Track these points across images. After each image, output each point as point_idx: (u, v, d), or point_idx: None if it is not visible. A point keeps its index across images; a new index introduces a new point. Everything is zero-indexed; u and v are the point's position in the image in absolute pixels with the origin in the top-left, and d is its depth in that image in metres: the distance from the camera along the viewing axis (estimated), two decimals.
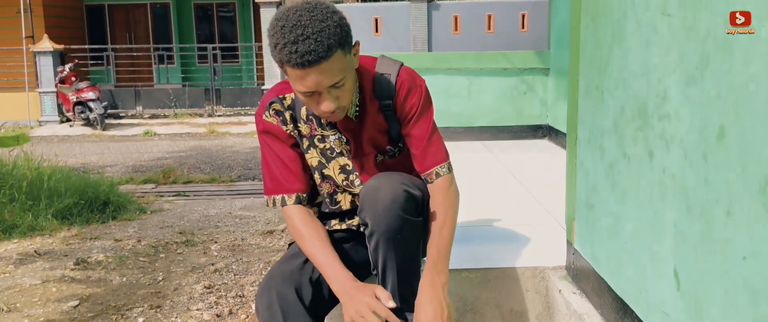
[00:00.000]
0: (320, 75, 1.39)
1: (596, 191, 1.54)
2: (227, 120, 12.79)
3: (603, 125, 1.49)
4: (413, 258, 1.56)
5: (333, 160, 1.68)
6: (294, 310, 1.50)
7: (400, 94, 1.62)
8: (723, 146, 0.95)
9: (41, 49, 12.46)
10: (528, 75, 4.72)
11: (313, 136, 1.67)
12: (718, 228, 0.97)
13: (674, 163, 1.11)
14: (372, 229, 1.49)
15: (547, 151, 4.33)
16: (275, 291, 1.51)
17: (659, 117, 1.17)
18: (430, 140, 1.63)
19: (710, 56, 0.99)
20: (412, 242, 1.53)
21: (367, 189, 1.52)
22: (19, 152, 5.44)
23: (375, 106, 1.64)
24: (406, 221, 1.48)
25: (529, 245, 2.13)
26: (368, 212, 1.49)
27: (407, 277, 1.56)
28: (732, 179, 0.92)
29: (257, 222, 5.07)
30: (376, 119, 1.65)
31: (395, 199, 1.46)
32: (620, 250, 1.39)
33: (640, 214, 1.26)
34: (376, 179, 1.53)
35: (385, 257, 1.51)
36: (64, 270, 3.66)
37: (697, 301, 1.04)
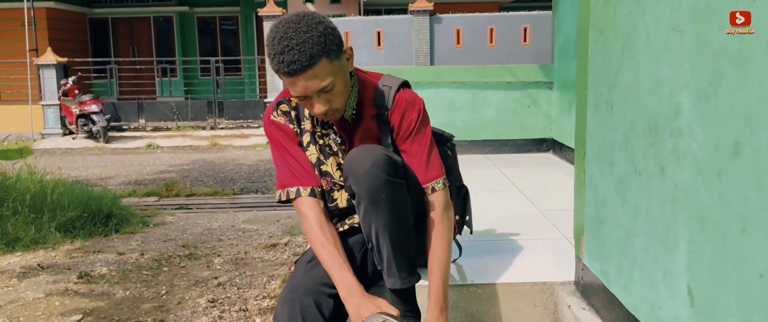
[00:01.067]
0: (307, 82, 1.51)
1: (606, 206, 1.53)
2: (230, 133, 12.81)
3: (612, 140, 1.48)
4: (403, 222, 1.57)
5: (331, 156, 1.76)
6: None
7: (397, 108, 1.72)
8: (738, 163, 0.95)
9: (45, 62, 12.51)
10: (532, 89, 4.73)
11: (313, 132, 1.75)
12: (733, 245, 0.96)
13: (687, 179, 1.10)
14: (358, 193, 1.54)
15: (551, 165, 4.32)
16: (298, 304, 1.55)
17: (671, 132, 1.16)
18: (426, 157, 1.70)
19: (724, 72, 0.99)
20: (399, 205, 1.56)
21: (348, 158, 1.58)
22: (23, 165, 5.44)
23: (371, 113, 1.74)
24: (389, 181, 1.52)
25: (537, 260, 2.12)
26: (352, 179, 1.54)
27: (400, 243, 1.57)
28: (748, 196, 0.92)
29: (260, 235, 5.06)
30: (370, 125, 1.74)
31: (375, 161, 1.52)
32: (631, 266, 1.38)
33: (652, 230, 1.25)
34: (355, 149, 1.60)
35: (376, 222, 1.54)
36: (67, 284, 3.64)
37: (712, 319, 1.03)
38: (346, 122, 1.73)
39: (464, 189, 2.09)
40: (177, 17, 16.73)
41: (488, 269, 2.01)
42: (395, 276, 1.55)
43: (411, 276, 1.58)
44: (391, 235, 1.55)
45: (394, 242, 1.55)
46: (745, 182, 0.93)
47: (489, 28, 11.73)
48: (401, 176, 1.57)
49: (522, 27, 11.75)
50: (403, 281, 1.56)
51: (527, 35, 11.72)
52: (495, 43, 11.75)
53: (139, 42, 16.80)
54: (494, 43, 11.76)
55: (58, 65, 12.63)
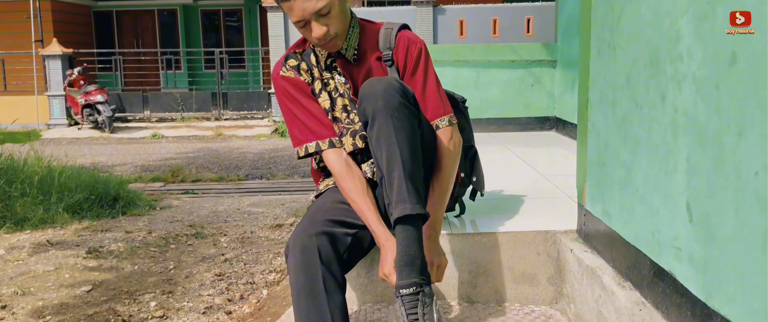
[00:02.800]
0: (304, 2, 1.56)
1: (608, 147, 1.57)
2: (234, 123, 12.85)
3: (614, 82, 1.52)
4: (414, 151, 1.54)
5: (336, 100, 1.78)
6: (329, 257, 1.54)
7: (400, 46, 1.74)
8: (735, 72, 0.98)
9: (50, 53, 12.58)
10: (535, 67, 4.75)
11: (321, 79, 1.78)
12: (729, 152, 0.99)
13: (686, 100, 1.14)
14: (372, 113, 1.53)
15: (555, 142, 4.35)
16: (315, 237, 1.54)
17: (671, 59, 1.20)
18: (430, 93, 1.73)
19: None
20: (411, 130, 1.54)
21: (363, 86, 1.60)
22: (30, 151, 5.50)
23: (375, 55, 1.77)
24: (403, 104, 1.53)
25: (540, 213, 2.16)
26: (367, 101, 1.55)
27: (411, 170, 1.52)
28: (744, 101, 0.95)
29: (266, 217, 5.11)
30: (375, 67, 1.77)
31: (389, 85, 1.55)
32: (632, 199, 1.41)
33: (653, 159, 1.29)
34: (371, 79, 1.62)
35: (388, 144, 1.51)
36: (76, 258, 3.69)
37: (709, 226, 1.07)
38: (348, 63, 1.77)
39: (473, 150, 2.08)
40: (181, 10, 16.77)
41: (493, 221, 2.04)
42: (405, 201, 1.47)
43: (420, 205, 1.50)
44: (404, 159, 1.51)
45: (406, 166, 1.51)
46: (742, 89, 0.96)
47: (492, 19, 11.73)
48: (415, 105, 1.59)
49: (526, 18, 11.74)
50: (413, 206, 1.47)
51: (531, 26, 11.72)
52: (498, 34, 11.75)
53: (144, 34, 16.85)
54: (497, 34, 11.75)
55: (64, 56, 12.69)
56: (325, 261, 1.53)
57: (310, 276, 1.51)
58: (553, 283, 1.88)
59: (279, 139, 11.28)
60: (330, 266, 1.53)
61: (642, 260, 1.36)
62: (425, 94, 1.73)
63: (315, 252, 1.52)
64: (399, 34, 1.76)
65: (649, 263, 1.32)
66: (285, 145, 10.39)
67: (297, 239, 1.56)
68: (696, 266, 1.11)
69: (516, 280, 1.89)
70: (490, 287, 1.90)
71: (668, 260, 1.22)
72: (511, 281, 1.89)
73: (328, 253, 1.54)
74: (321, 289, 1.50)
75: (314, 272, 1.51)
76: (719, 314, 1.04)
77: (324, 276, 1.51)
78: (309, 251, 1.52)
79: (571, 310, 1.78)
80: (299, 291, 1.52)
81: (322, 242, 1.54)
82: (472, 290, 1.90)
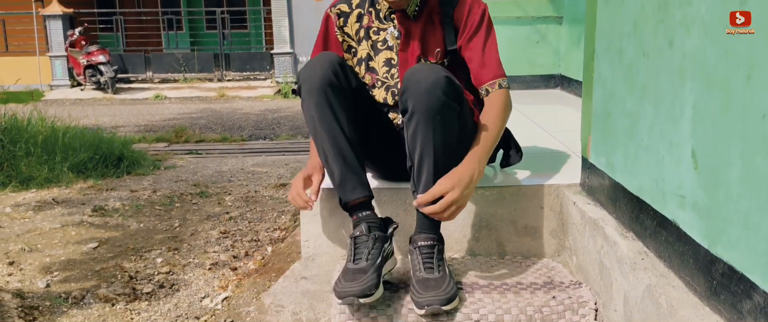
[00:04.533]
0: None
1: (614, 97, 1.55)
2: (237, 84, 12.80)
3: (622, 30, 1.49)
4: (451, 147, 1.57)
5: (381, 52, 1.80)
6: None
7: (462, 5, 1.74)
8: None
9: (51, 13, 12.47)
10: (541, 24, 4.68)
11: (370, 27, 1.79)
12: (737, 96, 0.98)
13: (695, 44, 1.11)
14: (413, 109, 1.53)
15: (560, 100, 4.32)
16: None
17: (680, 4, 1.17)
18: (488, 56, 1.72)
19: None
20: (451, 129, 1.55)
21: (409, 72, 1.57)
22: (33, 111, 5.49)
23: (437, 13, 1.76)
24: (446, 104, 1.52)
25: (544, 168, 2.15)
26: (410, 93, 1.53)
27: (445, 167, 1.55)
28: (753, 43, 0.93)
29: (269, 177, 5.12)
30: (433, 25, 1.76)
31: (437, 80, 1.51)
32: (636, 149, 1.40)
33: (659, 106, 1.27)
34: (418, 65, 1.60)
35: (423, 141, 1.53)
36: (82, 216, 3.72)
37: (714, 173, 1.06)
38: (407, 17, 1.76)
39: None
40: None
41: (496, 175, 2.04)
42: None
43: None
44: (436, 157, 1.54)
45: (437, 164, 1.55)
46: (752, 32, 0.94)
47: None
48: (459, 101, 1.57)
49: None
50: None
51: None
52: None
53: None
54: None
55: (65, 16, 12.58)
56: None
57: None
58: (556, 236, 1.88)
59: (282, 100, 11.24)
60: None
61: (645, 210, 1.36)
62: (484, 58, 1.72)
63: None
64: None
65: (652, 213, 1.31)
66: (288, 105, 10.36)
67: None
68: (699, 213, 1.10)
69: (518, 233, 1.90)
70: (492, 240, 1.90)
71: (672, 208, 1.21)
72: (514, 234, 1.90)
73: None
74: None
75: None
76: (722, 260, 1.03)
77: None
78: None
79: (573, 262, 1.79)
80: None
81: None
82: (474, 243, 1.90)
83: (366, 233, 1.56)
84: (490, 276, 1.73)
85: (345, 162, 1.60)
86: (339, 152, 1.60)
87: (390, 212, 1.88)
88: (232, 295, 2.56)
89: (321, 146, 1.62)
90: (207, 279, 2.80)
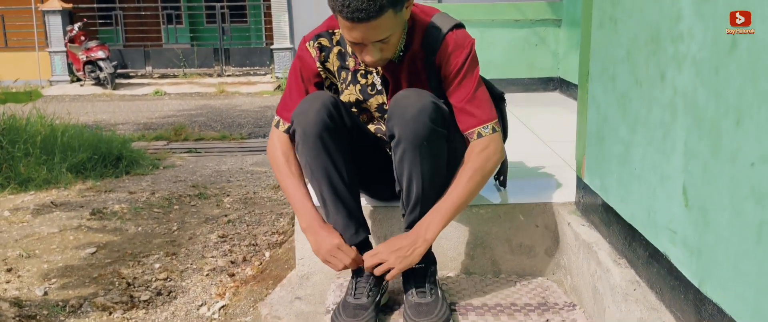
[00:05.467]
0: (368, 31, 1.45)
1: (607, 121, 1.55)
2: (236, 80, 12.78)
3: (616, 56, 1.49)
4: (439, 171, 1.57)
5: (372, 97, 1.73)
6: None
7: (445, 50, 1.62)
8: (734, 57, 0.96)
9: (50, 9, 12.44)
10: (540, 27, 4.68)
11: (356, 71, 1.71)
12: (727, 139, 0.98)
13: (686, 81, 1.12)
14: (399, 136, 1.52)
15: (558, 103, 4.32)
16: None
17: (672, 39, 1.17)
18: (473, 101, 1.63)
19: None
20: (438, 155, 1.55)
21: (396, 99, 1.55)
22: (32, 109, 5.48)
23: (420, 55, 1.66)
24: (433, 130, 1.51)
25: (539, 184, 2.16)
26: (396, 120, 1.52)
27: (432, 191, 1.57)
28: (742, 89, 0.93)
29: (268, 177, 5.12)
30: (417, 68, 1.67)
31: (423, 108, 1.49)
32: (629, 177, 1.40)
33: (651, 137, 1.28)
34: (406, 91, 1.57)
35: (411, 168, 1.53)
36: (80, 220, 3.72)
37: (704, 213, 1.06)
38: (392, 63, 1.67)
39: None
40: None
41: (491, 193, 2.04)
42: (417, 219, 1.58)
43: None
44: (425, 183, 1.54)
45: (425, 190, 1.55)
46: (741, 76, 0.94)
47: None
48: (446, 126, 1.56)
49: None
50: None
51: None
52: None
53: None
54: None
55: (64, 11, 12.55)
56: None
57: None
58: (551, 254, 1.89)
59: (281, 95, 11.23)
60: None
61: (638, 239, 1.36)
62: (466, 102, 1.63)
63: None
64: (446, 37, 1.63)
65: (645, 243, 1.32)
66: None
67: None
68: (690, 251, 1.11)
69: (513, 251, 1.90)
70: (487, 259, 1.91)
71: (663, 242, 1.22)
72: (509, 252, 1.90)
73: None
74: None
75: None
76: (711, 301, 1.04)
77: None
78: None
79: (568, 282, 1.80)
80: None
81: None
82: (469, 261, 1.91)
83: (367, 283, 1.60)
84: (485, 297, 1.74)
85: (344, 206, 1.61)
86: (337, 198, 1.61)
87: (385, 230, 1.89)
88: (229, 303, 2.57)
89: (318, 191, 1.63)
90: (204, 286, 2.81)
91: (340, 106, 1.61)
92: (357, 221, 1.65)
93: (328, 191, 1.59)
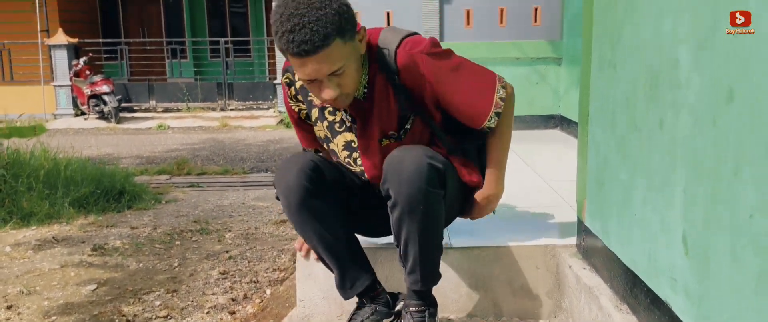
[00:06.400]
0: (318, 64, 1.39)
1: (607, 165, 1.56)
2: (239, 114, 12.86)
3: (615, 99, 1.51)
4: (436, 232, 1.57)
5: (339, 134, 1.69)
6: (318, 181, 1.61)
7: (404, 72, 1.56)
8: (732, 108, 0.97)
9: (56, 43, 12.58)
10: (540, 65, 4.73)
11: (323, 108, 1.68)
12: (725, 189, 0.99)
13: (684, 129, 1.13)
14: (395, 200, 1.50)
15: (559, 140, 4.33)
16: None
17: (670, 85, 1.19)
18: (464, 100, 1.60)
19: (720, 20, 1.01)
20: (435, 215, 1.54)
21: (390, 160, 1.51)
22: (36, 143, 5.51)
23: (382, 80, 1.60)
24: (429, 193, 1.48)
25: (540, 226, 2.15)
26: (392, 183, 1.49)
27: (430, 252, 1.57)
28: (740, 139, 0.94)
29: (270, 212, 5.12)
30: (385, 96, 1.60)
31: (419, 170, 1.46)
32: (630, 222, 1.41)
33: (651, 183, 1.28)
34: (400, 151, 1.52)
35: (408, 229, 1.52)
36: (81, 256, 3.71)
37: (705, 262, 1.06)
38: (358, 101, 1.61)
39: None
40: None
41: (492, 234, 2.04)
42: (417, 279, 1.59)
43: (433, 279, 1.63)
44: (422, 243, 1.54)
45: (423, 250, 1.55)
46: (739, 126, 0.95)
47: (499, 9, 11.61)
48: (443, 183, 1.53)
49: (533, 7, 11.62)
50: (424, 284, 1.60)
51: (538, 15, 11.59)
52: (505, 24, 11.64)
53: (149, 23, 16.83)
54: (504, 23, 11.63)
55: (70, 46, 12.69)
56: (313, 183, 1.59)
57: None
58: (552, 297, 1.88)
59: (284, 129, 11.28)
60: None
61: (639, 285, 1.36)
62: (462, 106, 1.59)
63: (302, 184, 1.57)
64: (397, 57, 1.55)
65: (646, 289, 1.32)
66: (290, 136, 10.39)
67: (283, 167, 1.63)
68: (691, 299, 1.11)
69: (515, 293, 1.89)
70: (488, 301, 1.90)
71: (664, 289, 1.22)
72: (510, 294, 1.90)
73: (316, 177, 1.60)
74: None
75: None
76: None
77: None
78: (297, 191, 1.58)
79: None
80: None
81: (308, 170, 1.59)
82: (470, 303, 1.90)
83: (370, 315, 1.62)
84: None
85: (340, 262, 1.62)
86: (333, 256, 1.62)
87: (387, 269, 1.88)
88: None
89: (315, 251, 1.66)
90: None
91: (319, 166, 1.57)
92: (356, 267, 1.65)
93: (324, 250, 1.61)
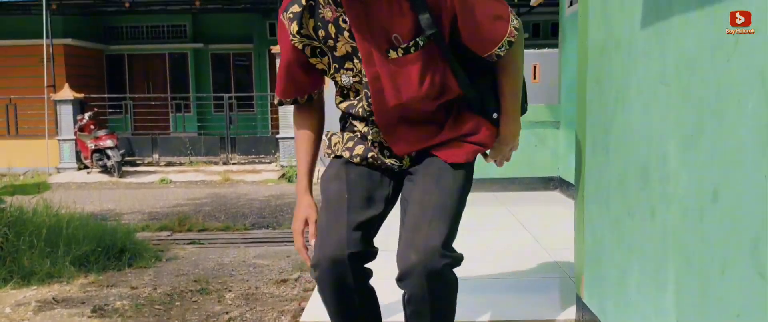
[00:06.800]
0: None
1: (603, 245, 1.60)
2: (242, 168, 12.94)
3: (609, 181, 1.55)
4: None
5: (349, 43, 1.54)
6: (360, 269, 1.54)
7: None
8: (717, 207, 1.02)
9: (62, 98, 12.76)
10: (539, 128, 4.81)
11: (337, 18, 1.51)
12: (714, 286, 1.02)
13: (674, 221, 1.17)
14: (409, 297, 1.50)
15: (557, 203, 4.37)
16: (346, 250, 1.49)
17: (660, 178, 1.24)
18: (483, 23, 1.48)
19: (704, 123, 1.07)
20: (447, 306, 1.52)
21: (403, 257, 1.46)
22: (39, 199, 5.54)
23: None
24: (443, 288, 1.47)
25: (539, 298, 2.17)
26: (406, 285, 1.47)
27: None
28: (726, 239, 0.99)
29: (271, 271, 5.11)
30: (400, 7, 1.45)
31: (431, 273, 1.41)
32: (626, 303, 1.44)
33: (645, 268, 1.32)
34: (412, 248, 1.45)
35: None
36: (81, 318, 3.70)
37: None
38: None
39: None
40: (192, 54, 17.05)
41: (491, 307, 2.06)
42: None
43: None
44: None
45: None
46: (724, 226, 1.00)
47: None
48: (456, 264, 1.48)
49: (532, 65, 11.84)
50: None
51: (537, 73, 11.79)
52: None
53: (154, 77, 17.11)
54: None
55: (75, 101, 12.88)
56: (357, 275, 1.52)
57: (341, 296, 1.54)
58: None
59: (286, 184, 11.34)
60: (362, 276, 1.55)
61: None
62: (481, 25, 1.47)
63: (347, 269, 1.48)
64: None
65: None
66: (292, 191, 10.44)
67: (324, 253, 1.49)
68: None
69: None
70: None
71: None
72: None
73: (360, 261, 1.52)
74: (355, 305, 1.56)
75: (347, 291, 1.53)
76: None
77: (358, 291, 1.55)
78: (339, 266, 1.48)
79: None
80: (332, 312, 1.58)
81: (352, 253, 1.48)
82: None
83: None
84: None
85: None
86: None
87: None
88: None
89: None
90: None
91: (355, 257, 1.51)
92: None
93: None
